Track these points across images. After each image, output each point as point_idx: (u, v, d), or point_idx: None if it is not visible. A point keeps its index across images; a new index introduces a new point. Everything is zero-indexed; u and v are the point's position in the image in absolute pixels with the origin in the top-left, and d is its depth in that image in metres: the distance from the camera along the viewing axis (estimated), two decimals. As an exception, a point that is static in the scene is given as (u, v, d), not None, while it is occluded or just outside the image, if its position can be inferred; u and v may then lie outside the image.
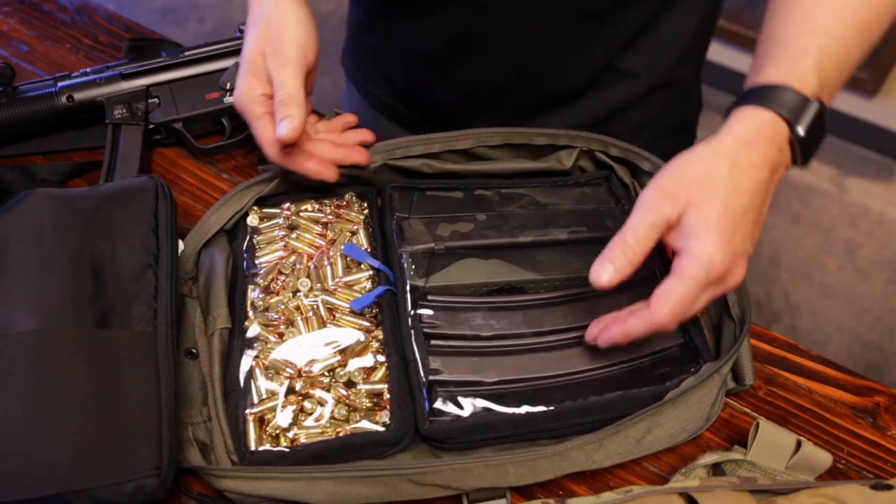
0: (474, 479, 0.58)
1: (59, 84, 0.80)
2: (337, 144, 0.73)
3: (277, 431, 0.60)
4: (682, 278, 0.56)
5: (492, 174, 0.77)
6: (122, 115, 0.79)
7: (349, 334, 0.64)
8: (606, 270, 0.58)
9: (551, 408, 0.61)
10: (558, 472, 0.59)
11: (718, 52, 1.96)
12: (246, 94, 0.68)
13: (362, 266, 0.69)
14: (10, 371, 0.57)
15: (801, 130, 0.57)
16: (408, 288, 0.66)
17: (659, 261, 0.67)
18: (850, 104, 1.83)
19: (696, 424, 0.62)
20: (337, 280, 0.68)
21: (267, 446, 0.60)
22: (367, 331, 0.65)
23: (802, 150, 0.59)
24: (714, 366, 0.61)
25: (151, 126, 0.80)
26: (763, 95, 0.58)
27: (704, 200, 0.56)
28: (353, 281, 0.68)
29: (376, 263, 0.68)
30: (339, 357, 0.63)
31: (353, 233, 0.71)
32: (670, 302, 0.56)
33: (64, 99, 0.80)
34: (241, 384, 0.61)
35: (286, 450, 0.59)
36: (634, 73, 0.85)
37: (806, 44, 0.59)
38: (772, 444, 0.60)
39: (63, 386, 0.57)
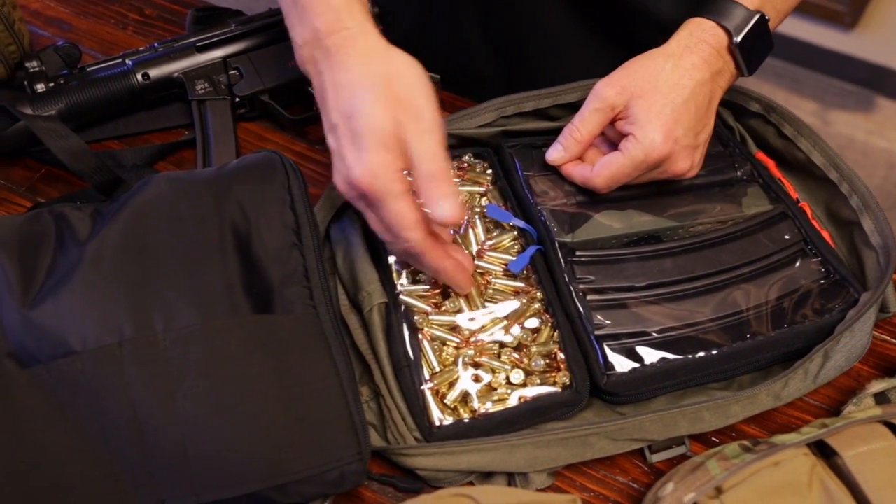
0: (671, 428, 0.58)
1: (131, 61, 0.74)
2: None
3: (456, 403, 0.59)
4: (623, 155, 0.65)
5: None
6: (206, 89, 0.75)
7: (507, 306, 0.62)
8: (556, 149, 0.68)
9: (723, 349, 0.61)
10: (747, 413, 0.59)
11: None
12: (382, 169, 0.54)
13: (504, 226, 0.67)
14: (184, 368, 0.53)
15: (737, 38, 0.66)
16: (556, 245, 0.65)
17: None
18: (829, 38, 1.88)
19: (857, 354, 0.63)
20: (482, 243, 0.65)
21: (449, 419, 0.58)
22: (523, 292, 0.63)
23: (744, 58, 0.67)
24: (873, 294, 0.62)
25: (237, 99, 0.76)
26: (708, 7, 0.67)
27: (648, 92, 0.64)
28: (497, 243, 0.66)
29: (521, 223, 0.66)
30: (504, 322, 0.61)
31: (482, 194, 0.69)
32: (608, 171, 0.65)
33: (139, 77, 0.74)
34: (413, 358, 0.59)
35: (473, 421, 0.57)
36: None
37: None
38: (935, 366, 0.62)
39: (243, 378, 0.54)
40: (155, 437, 0.52)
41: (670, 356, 0.60)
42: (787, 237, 0.67)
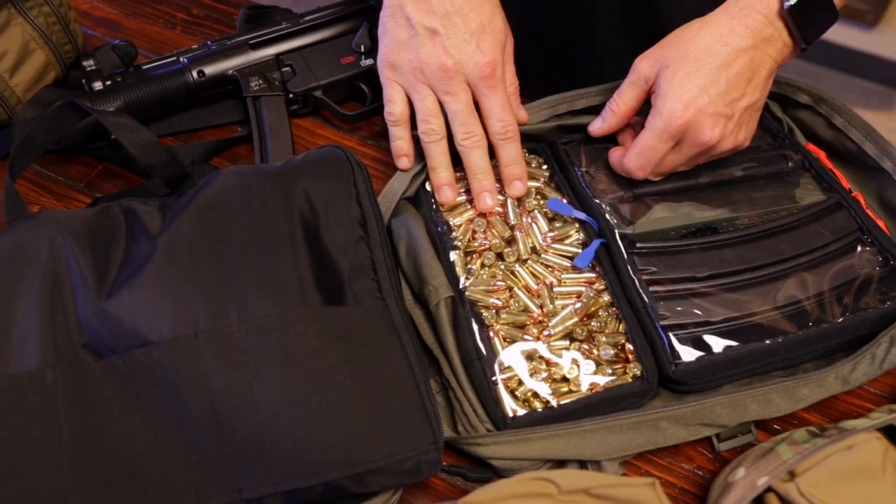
0: (741, 412, 0.58)
1: (186, 59, 0.75)
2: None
3: (528, 395, 0.59)
4: (644, 130, 0.64)
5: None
6: (260, 86, 0.75)
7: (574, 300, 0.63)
8: (596, 121, 0.70)
9: (789, 337, 0.61)
10: (816, 397, 0.60)
11: None
12: (498, 63, 0.66)
13: (565, 219, 0.67)
14: (260, 358, 0.54)
15: (788, 2, 0.61)
16: (618, 237, 0.65)
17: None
18: (851, 36, 1.88)
19: (919, 339, 0.64)
20: (545, 234, 0.66)
21: (522, 410, 0.58)
22: (589, 283, 0.64)
23: (797, 25, 0.62)
24: (934, 281, 0.63)
25: (291, 96, 0.76)
26: None
27: (676, 61, 0.63)
28: (560, 234, 0.66)
29: (583, 216, 0.66)
30: (574, 319, 0.61)
31: (539, 189, 0.69)
32: (635, 150, 0.65)
33: (195, 74, 0.75)
34: (484, 352, 0.59)
35: (547, 411, 0.58)
36: None
37: None
38: None
39: (319, 368, 0.54)
40: (232, 427, 0.53)
41: (736, 344, 0.61)
42: (843, 226, 0.67)
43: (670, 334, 0.61)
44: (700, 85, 0.62)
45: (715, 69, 0.62)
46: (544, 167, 0.71)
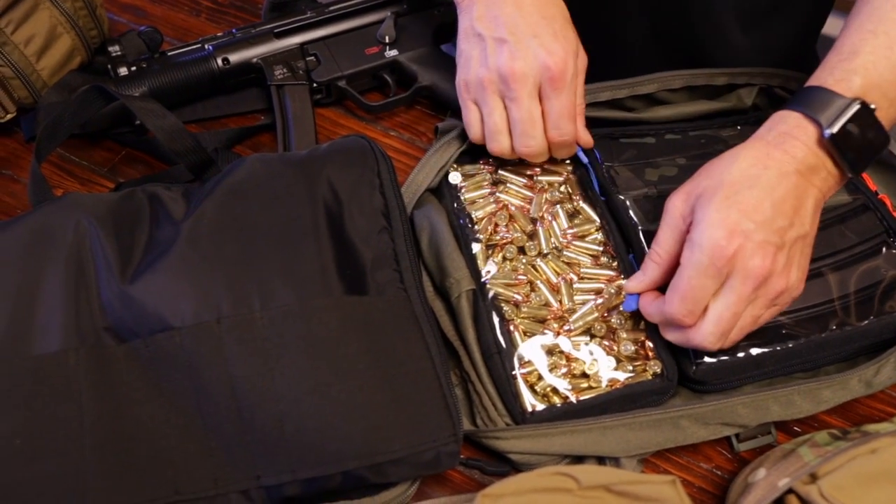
0: (762, 413, 0.58)
1: (211, 46, 0.75)
2: None
3: (547, 390, 0.59)
4: (683, 267, 0.55)
5: (677, 119, 0.75)
6: (284, 75, 0.75)
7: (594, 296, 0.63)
8: (635, 277, 0.59)
9: (812, 339, 0.61)
10: (838, 399, 0.59)
11: None
12: (573, 55, 0.63)
13: (586, 216, 0.67)
14: (281, 346, 0.54)
15: (830, 130, 0.54)
16: (641, 235, 0.65)
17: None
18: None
19: (943, 344, 0.63)
20: (564, 231, 0.65)
21: (541, 405, 0.58)
22: (609, 280, 0.63)
23: (842, 154, 0.55)
24: (959, 286, 0.62)
25: (315, 85, 0.76)
26: (795, 98, 0.58)
27: (711, 189, 0.55)
28: (580, 231, 0.66)
29: (585, 159, 0.66)
30: (595, 314, 0.61)
31: (562, 183, 0.69)
32: (673, 291, 0.55)
33: (219, 61, 0.75)
34: (504, 346, 0.59)
35: (566, 406, 0.58)
36: None
37: (859, 43, 0.57)
38: None
39: (340, 357, 0.54)
40: (252, 414, 0.53)
41: (759, 345, 0.60)
42: (869, 228, 0.67)
43: (692, 333, 0.60)
44: (742, 210, 0.54)
45: (757, 193, 0.54)
46: (566, 161, 0.71)
